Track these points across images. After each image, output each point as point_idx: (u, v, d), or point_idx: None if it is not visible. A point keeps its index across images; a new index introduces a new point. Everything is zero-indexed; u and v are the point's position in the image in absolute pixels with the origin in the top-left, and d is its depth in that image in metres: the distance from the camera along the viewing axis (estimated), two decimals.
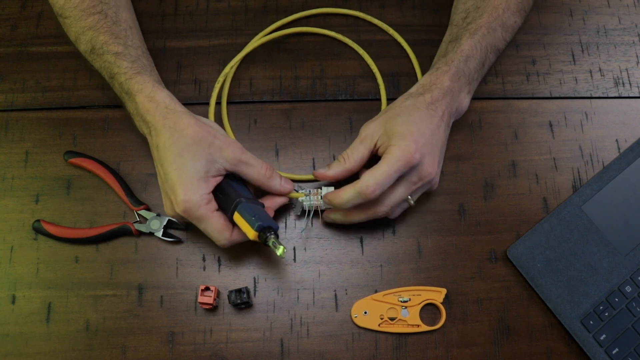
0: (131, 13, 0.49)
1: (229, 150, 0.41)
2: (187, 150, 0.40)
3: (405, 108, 0.43)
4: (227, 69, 0.49)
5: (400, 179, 0.42)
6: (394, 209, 0.44)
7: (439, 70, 0.45)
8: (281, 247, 0.40)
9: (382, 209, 0.43)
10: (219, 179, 0.42)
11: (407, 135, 0.41)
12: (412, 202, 0.44)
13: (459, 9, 0.49)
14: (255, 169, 0.42)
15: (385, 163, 0.41)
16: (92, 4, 0.45)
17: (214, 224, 0.41)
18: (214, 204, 0.41)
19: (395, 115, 0.43)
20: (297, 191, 0.46)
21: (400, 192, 0.43)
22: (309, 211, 0.46)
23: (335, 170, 0.44)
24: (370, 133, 0.43)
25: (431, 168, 0.43)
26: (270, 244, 0.40)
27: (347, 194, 0.42)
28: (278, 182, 0.44)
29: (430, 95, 0.44)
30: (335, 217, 0.46)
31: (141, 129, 0.44)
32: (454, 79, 0.45)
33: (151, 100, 0.41)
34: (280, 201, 0.45)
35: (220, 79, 0.49)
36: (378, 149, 0.43)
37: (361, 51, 0.52)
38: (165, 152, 0.40)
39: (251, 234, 0.40)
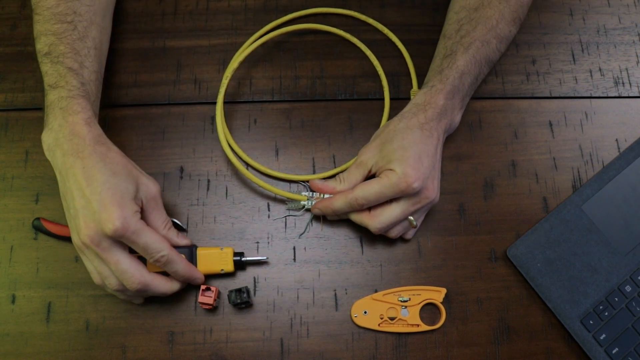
0: (101, 34, 0.47)
1: (152, 185, 0.42)
2: (119, 173, 0.39)
3: (398, 131, 0.43)
4: (235, 65, 0.48)
5: (398, 199, 0.43)
6: (389, 227, 0.44)
7: (433, 89, 0.44)
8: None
9: (375, 225, 0.43)
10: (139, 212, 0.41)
11: (405, 161, 0.41)
12: (414, 222, 0.44)
13: (452, 19, 0.48)
14: (163, 214, 0.43)
15: (378, 184, 0.42)
16: (66, 11, 0.44)
17: (153, 234, 0.40)
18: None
19: (389, 139, 0.43)
20: (300, 194, 0.46)
21: (396, 212, 0.43)
22: (305, 205, 0.46)
23: (330, 187, 0.46)
24: (365, 159, 0.44)
25: (432, 192, 0.43)
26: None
27: (339, 203, 0.44)
28: (175, 234, 0.44)
29: (425, 115, 0.43)
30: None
31: (59, 145, 0.40)
32: (448, 97, 0.44)
33: (87, 124, 0.40)
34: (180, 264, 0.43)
35: (228, 74, 0.48)
36: (374, 173, 0.44)
37: (367, 51, 0.52)
38: (96, 172, 0.38)
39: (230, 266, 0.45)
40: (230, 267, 0.45)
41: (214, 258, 0.45)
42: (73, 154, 0.39)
